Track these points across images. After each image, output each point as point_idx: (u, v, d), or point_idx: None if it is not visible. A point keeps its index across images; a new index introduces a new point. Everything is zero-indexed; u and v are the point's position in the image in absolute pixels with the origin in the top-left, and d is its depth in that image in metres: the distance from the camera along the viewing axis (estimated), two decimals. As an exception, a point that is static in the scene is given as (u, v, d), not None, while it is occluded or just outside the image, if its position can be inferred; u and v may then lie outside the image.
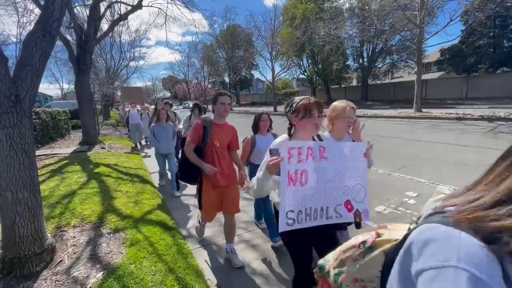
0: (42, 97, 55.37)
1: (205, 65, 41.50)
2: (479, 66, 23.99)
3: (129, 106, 10.69)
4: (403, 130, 9.63)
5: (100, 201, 3.57)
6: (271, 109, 26.98)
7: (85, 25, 8.06)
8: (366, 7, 14.60)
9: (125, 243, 2.57)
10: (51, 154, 6.93)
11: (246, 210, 3.58)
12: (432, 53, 29.34)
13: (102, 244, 2.56)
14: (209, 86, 47.10)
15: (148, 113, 9.05)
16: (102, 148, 8.02)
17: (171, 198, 4.31)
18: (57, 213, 3.13)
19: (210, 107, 2.46)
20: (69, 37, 10.43)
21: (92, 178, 4.64)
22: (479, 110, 12.17)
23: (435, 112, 12.62)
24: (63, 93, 37.23)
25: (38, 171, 5.36)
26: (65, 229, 2.84)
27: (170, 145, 4.59)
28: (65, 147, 8.31)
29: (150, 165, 6.54)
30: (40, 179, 4.59)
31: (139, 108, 9.94)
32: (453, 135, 7.96)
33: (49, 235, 2.45)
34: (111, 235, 2.73)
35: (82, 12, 10.74)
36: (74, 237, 2.70)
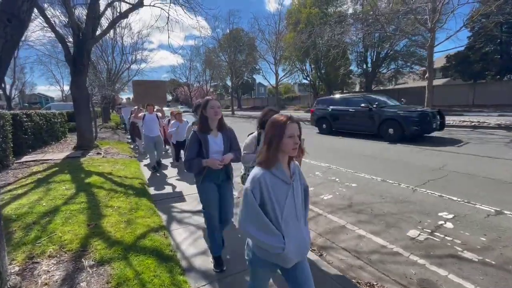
0: (44, 99, 55.39)
1: (207, 68, 41.27)
2: (486, 72, 23.59)
3: (142, 108, 7.09)
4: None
5: (86, 221, 3.05)
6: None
7: (83, 24, 7.64)
8: (373, 11, 14.21)
9: (110, 283, 2.04)
10: (42, 160, 6.43)
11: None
12: (437, 60, 28.95)
13: (81, 284, 2.04)
14: (211, 89, 46.80)
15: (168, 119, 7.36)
16: (98, 153, 7.52)
17: (169, 213, 3.79)
18: (31, 237, 2.62)
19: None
20: (67, 36, 10.04)
21: (81, 190, 4.13)
22: (493, 118, 11.66)
23: (447, 119, 12.09)
24: (64, 94, 36.90)
25: (24, 179, 4.88)
26: (38, 259, 2.32)
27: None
28: (59, 152, 7.81)
29: (148, 172, 6.04)
30: (23, 190, 4.09)
31: (159, 114, 6.11)
32: (474, 145, 7.44)
33: (14, 271, 1.93)
34: (94, 269, 2.21)
35: (81, 12, 10.31)
36: (48, 271, 2.18)
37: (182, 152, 6.35)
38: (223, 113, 2.81)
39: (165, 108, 15.50)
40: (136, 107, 7.49)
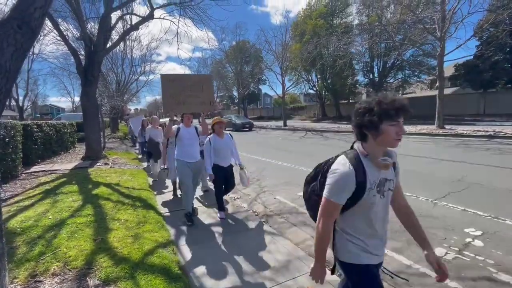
0: (55, 109, 56.87)
1: (214, 79, 41.82)
2: (496, 81, 23.18)
3: (154, 117, 6.93)
4: (430, 149, 8.84)
5: (92, 235, 2.93)
6: (279, 123, 26.51)
7: (95, 37, 7.79)
8: (380, 21, 14.22)
9: (116, 306, 1.89)
10: (50, 170, 6.40)
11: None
12: (445, 69, 28.59)
13: (85, 307, 1.89)
14: (218, 100, 47.25)
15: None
16: (106, 164, 7.48)
17: (177, 227, 3.64)
18: (35, 253, 2.50)
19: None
20: (79, 49, 10.27)
21: (88, 201, 4.03)
22: (509, 127, 11.30)
23: (460, 129, 11.80)
24: (74, 105, 37.78)
25: (32, 190, 4.83)
26: (42, 278, 2.18)
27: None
28: (67, 162, 7.81)
29: (156, 183, 5.93)
30: (30, 202, 4.01)
31: (199, 128, 4.11)
32: (493, 156, 7.14)
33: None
34: (99, 289, 2.06)
35: (93, 26, 10.58)
36: (51, 291, 2.04)
37: None
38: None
39: (162, 119, 13.13)
40: (146, 117, 7.09)
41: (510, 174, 5.41)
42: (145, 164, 8.10)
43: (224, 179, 3.85)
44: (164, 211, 4.29)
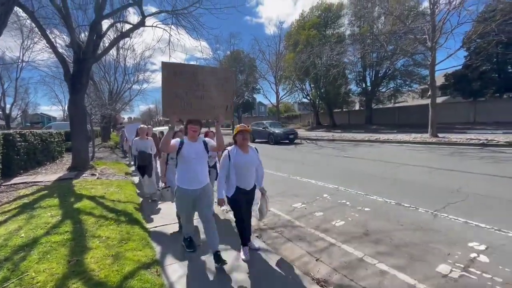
0: (46, 118, 55.78)
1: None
2: (485, 90, 23.74)
3: (148, 126, 6.27)
4: (425, 157, 8.78)
5: (67, 256, 2.65)
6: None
7: (84, 44, 7.60)
8: (372, 31, 14.47)
9: None
10: (32, 182, 6.06)
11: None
12: (435, 78, 29.33)
13: None
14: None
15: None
16: (92, 174, 7.16)
17: (164, 244, 3.37)
18: (-2, 279, 2.22)
19: (211, 128, 2.90)
20: (69, 56, 10.08)
21: (68, 217, 3.74)
22: (500, 135, 11.39)
23: (453, 137, 11.85)
24: (65, 114, 37.18)
25: (8, 205, 4.49)
26: (2, 310, 1.91)
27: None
28: (52, 173, 7.46)
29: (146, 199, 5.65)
30: (3, 218, 3.72)
31: (212, 143, 3.03)
32: (488, 164, 7.09)
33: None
34: (67, 323, 1.80)
35: (85, 33, 10.38)
36: (10, 327, 1.77)
37: None
38: (224, 131, 2.83)
39: (156, 128, 12.27)
40: (142, 125, 5.78)
41: (507, 183, 5.32)
42: (136, 179, 7.03)
43: (246, 205, 2.99)
44: (151, 225, 4.03)
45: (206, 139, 3.03)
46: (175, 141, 2.75)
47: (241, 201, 2.90)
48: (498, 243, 3.09)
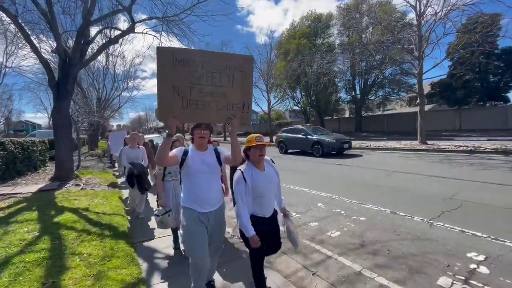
0: (30, 126, 53.98)
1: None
2: (469, 99, 24.60)
3: (139, 134, 5.67)
4: (416, 164, 8.85)
5: (42, 278, 2.42)
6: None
7: (70, 50, 7.38)
8: (361, 40, 14.81)
9: None
10: (9, 194, 5.70)
11: None
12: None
13: None
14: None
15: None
16: (77, 185, 6.82)
17: (151, 260, 3.16)
18: (-41, 308, 1.97)
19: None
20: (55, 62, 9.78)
21: (46, 232, 3.47)
22: (487, 142, 11.69)
23: (441, 144, 12.08)
24: (50, 121, 36.08)
25: (-19, 219, 4.16)
26: None
27: None
28: (33, 183, 7.07)
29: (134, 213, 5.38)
30: (-27, 234, 3.40)
31: (224, 152, 2.41)
32: (478, 171, 7.19)
33: None
34: None
35: (70, 38, 10.13)
36: None
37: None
38: (215, 139, 2.41)
39: (148, 136, 11.34)
40: (132, 132, 5.24)
41: (497, 190, 5.37)
42: (126, 193, 6.09)
43: (266, 237, 2.20)
44: (138, 239, 3.79)
45: (219, 147, 2.41)
46: (177, 151, 2.17)
47: (258, 232, 2.09)
48: (496, 253, 3.03)
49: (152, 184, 5.15)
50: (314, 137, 12.76)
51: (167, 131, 1.98)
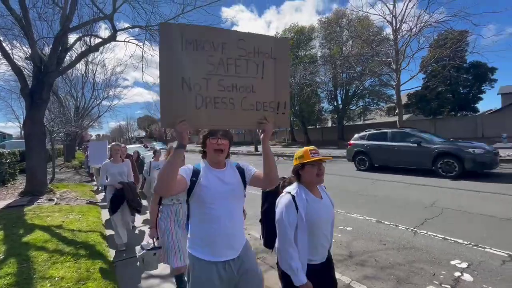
0: (0, 136, 50.60)
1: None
2: (442, 109, 26.12)
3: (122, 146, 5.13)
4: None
5: (5, 308, 2.17)
6: (251, 148, 26.38)
7: (46, 57, 7.05)
8: (343, 52, 15.42)
9: None
10: (-28, 211, 5.21)
11: None
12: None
13: None
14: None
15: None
16: (50, 200, 6.39)
17: (132, 282, 2.95)
18: None
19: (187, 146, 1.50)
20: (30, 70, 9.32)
21: (13, 254, 3.17)
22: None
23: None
24: (22, 132, 34.04)
25: None
26: None
27: None
28: (0, 199, 6.53)
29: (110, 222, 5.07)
30: None
31: (248, 168, 1.74)
32: (455, 179, 7.49)
33: None
34: None
35: (48, 45, 9.72)
36: None
37: None
38: (200, 148, 1.91)
39: (132, 146, 10.89)
40: (113, 143, 4.46)
41: (474, 197, 5.61)
42: (105, 213, 5.25)
43: None
44: (119, 257, 3.56)
45: (242, 163, 1.74)
46: (183, 171, 1.48)
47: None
48: (477, 259, 3.12)
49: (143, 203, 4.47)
50: (437, 146, 8.11)
51: (174, 144, 1.36)
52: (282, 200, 1.60)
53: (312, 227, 1.56)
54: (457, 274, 2.87)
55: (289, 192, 1.61)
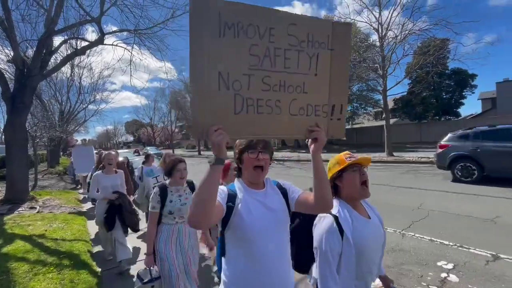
0: (-22, 141, 48.48)
1: (172, 109, 40.82)
2: (427, 114, 27.01)
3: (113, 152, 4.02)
4: (385, 175, 9.33)
5: (-19, 324, 2.05)
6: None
7: (29, 59, 6.84)
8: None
9: None
10: None
11: None
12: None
13: None
14: (176, 130, 45.82)
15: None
16: (32, 208, 6.13)
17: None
18: None
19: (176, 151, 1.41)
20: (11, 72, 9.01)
21: (-10, 266, 3.01)
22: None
23: (406, 156, 12.94)
24: (2, 137, 32.67)
25: None
26: None
27: None
28: (-23, 208, 6.21)
29: (95, 229, 4.88)
30: None
31: (292, 188, 1.37)
32: (441, 181, 7.72)
33: None
34: None
35: (32, 47, 9.43)
36: None
37: None
38: (190, 153, 1.75)
39: (120, 151, 10.34)
40: (107, 152, 3.92)
41: (459, 199, 5.79)
42: (92, 226, 4.86)
43: None
44: (105, 267, 3.44)
45: (282, 182, 1.42)
46: (218, 194, 1.09)
47: None
48: (462, 260, 3.20)
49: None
50: None
51: (210, 159, 1.01)
52: (323, 225, 1.29)
53: (362, 253, 1.26)
54: (443, 275, 2.94)
55: (332, 214, 1.29)
